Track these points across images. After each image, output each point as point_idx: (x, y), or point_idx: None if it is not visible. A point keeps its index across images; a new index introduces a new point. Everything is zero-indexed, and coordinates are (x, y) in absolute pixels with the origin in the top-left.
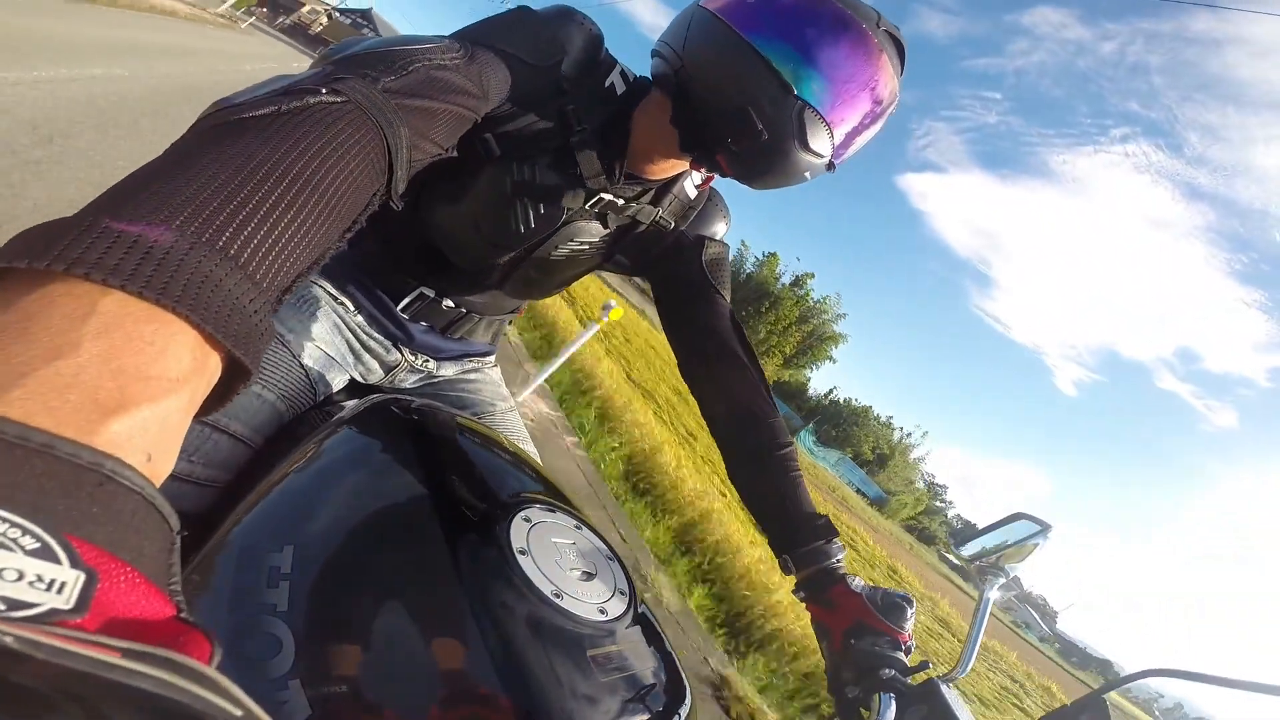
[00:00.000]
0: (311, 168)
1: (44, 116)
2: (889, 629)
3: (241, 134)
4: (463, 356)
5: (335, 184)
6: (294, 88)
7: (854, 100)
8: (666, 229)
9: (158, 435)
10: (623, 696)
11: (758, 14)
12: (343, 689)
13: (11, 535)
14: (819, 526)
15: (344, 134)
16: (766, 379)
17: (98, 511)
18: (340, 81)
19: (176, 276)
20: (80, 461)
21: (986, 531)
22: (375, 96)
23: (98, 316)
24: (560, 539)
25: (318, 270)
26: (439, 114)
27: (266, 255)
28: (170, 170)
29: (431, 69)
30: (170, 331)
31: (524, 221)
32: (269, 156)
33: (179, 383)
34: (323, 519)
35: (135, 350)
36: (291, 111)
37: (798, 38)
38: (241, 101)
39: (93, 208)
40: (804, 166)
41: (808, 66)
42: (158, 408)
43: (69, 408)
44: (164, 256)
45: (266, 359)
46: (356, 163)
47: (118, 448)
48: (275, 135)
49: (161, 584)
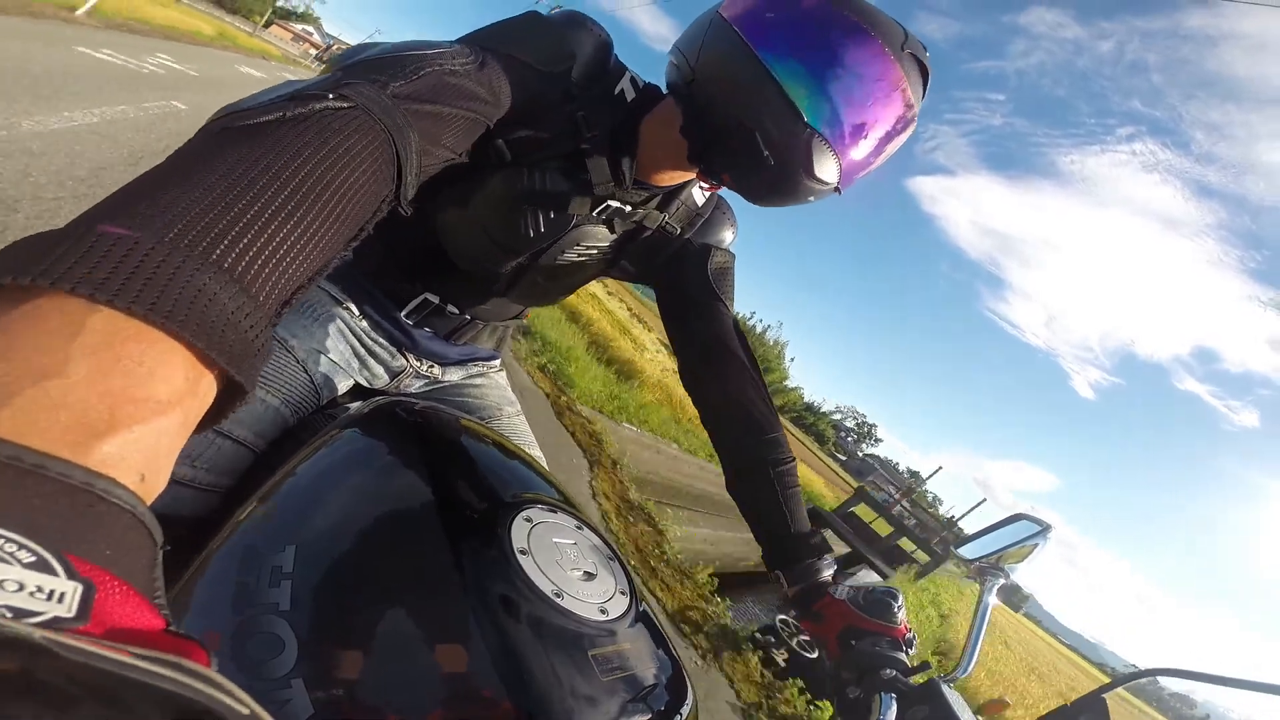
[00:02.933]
0: (316, 174)
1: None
2: (881, 626)
3: (245, 140)
4: (468, 361)
5: (340, 191)
6: (301, 93)
7: (868, 131)
8: (673, 235)
9: (150, 456)
10: (624, 696)
11: (774, 29)
12: (344, 689)
13: (8, 549)
14: (812, 545)
15: (351, 140)
16: (769, 390)
17: (89, 530)
18: (348, 87)
19: (168, 291)
20: (72, 482)
21: (987, 532)
22: (384, 101)
23: (87, 334)
24: (561, 539)
25: (321, 278)
26: (450, 119)
27: (264, 267)
28: (169, 178)
29: (443, 74)
30: (160, 350)
31: (532, 226)
32: (272, 163)
33: (170, 404)
34: (325, 519)
35: (124, 371)
36: (297, 117)
37: (814, 59)
38: (248, 108)
39: (86, 217)
40: (809, 192)
41: (821, 92)
42: (149, 429)
43: (59, 428)
44: (155, 270)
45: (271, 364)
46: (364, 169)
47: (110, 468)
48: (280, 141)
49: (150, 599)
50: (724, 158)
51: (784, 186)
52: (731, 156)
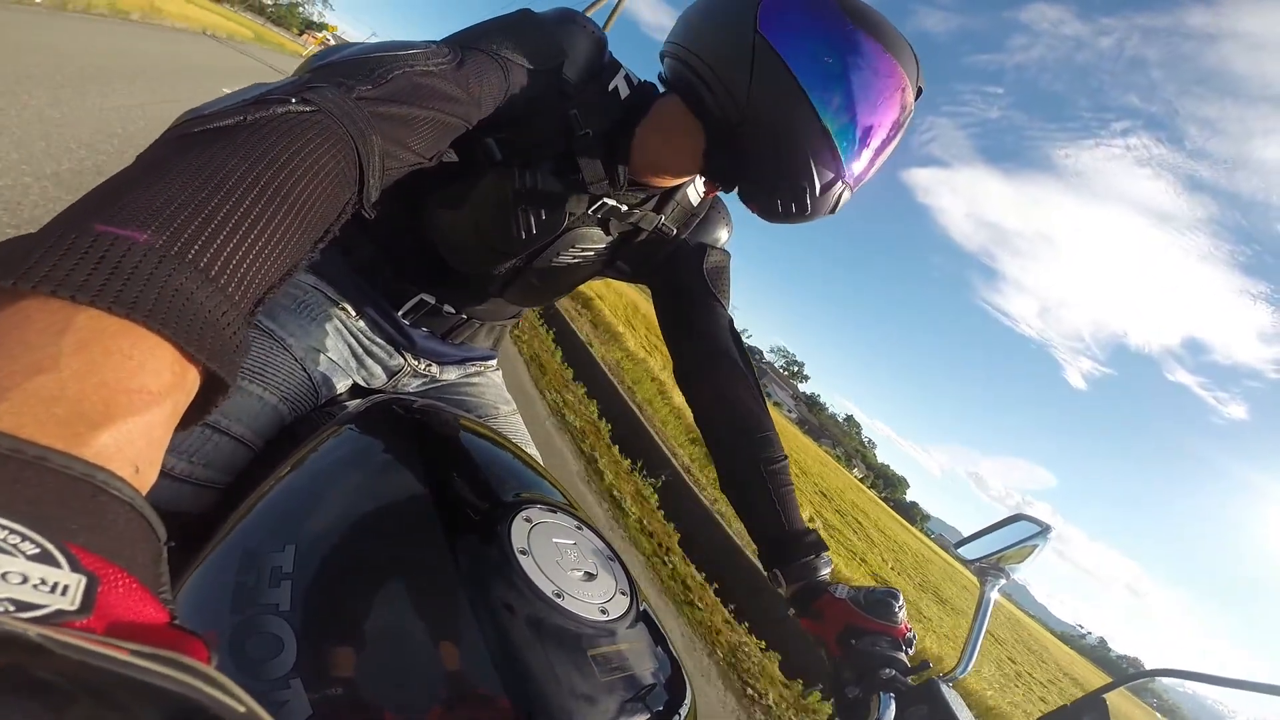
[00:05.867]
0: (280, 178)
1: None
2: (881, 626)
3: (209, 144)
4: (465, 361)
5: (305, 194)
6: (265, 97)
7: (879, 164)
8: (669, 236)
9: (144, 447)
10: (623, 696)
11: (839, 92)
12: (344, 688)
13: (11, 541)
14: (808, 543)
15: (312, 144)
16: (762, 390)
17: (91, 521)
18: (312, 90)
19: (147, 291)
20: (73, 473)
21: (987, 533)
22: (347, 105)
23: (74, 331)
24: (561, 539)
25: (313, 277)
26: (418, 121)
27: (238, 268)
28: (139, 181)
29: (414, 75)
30: (147, 345)
31: (526, 227)
32: (237, 167)
33: (160, 395)
34: (324, 518)
35: (115, 364)
36: (258, 121)
37: (869, 124)
38: (210, 112)
39: (62, 220)
40: (820, 218)
41: (865, 152)
42: (142, 420)
43: (55, 421)
44: (134, 270)
45: (269, 361)
46: (326, 172)
47: (107, 460)
48: (243, 146)
49: (154, 592)
50: (758, 195)
51: (805, 219)
52: (769, 197)
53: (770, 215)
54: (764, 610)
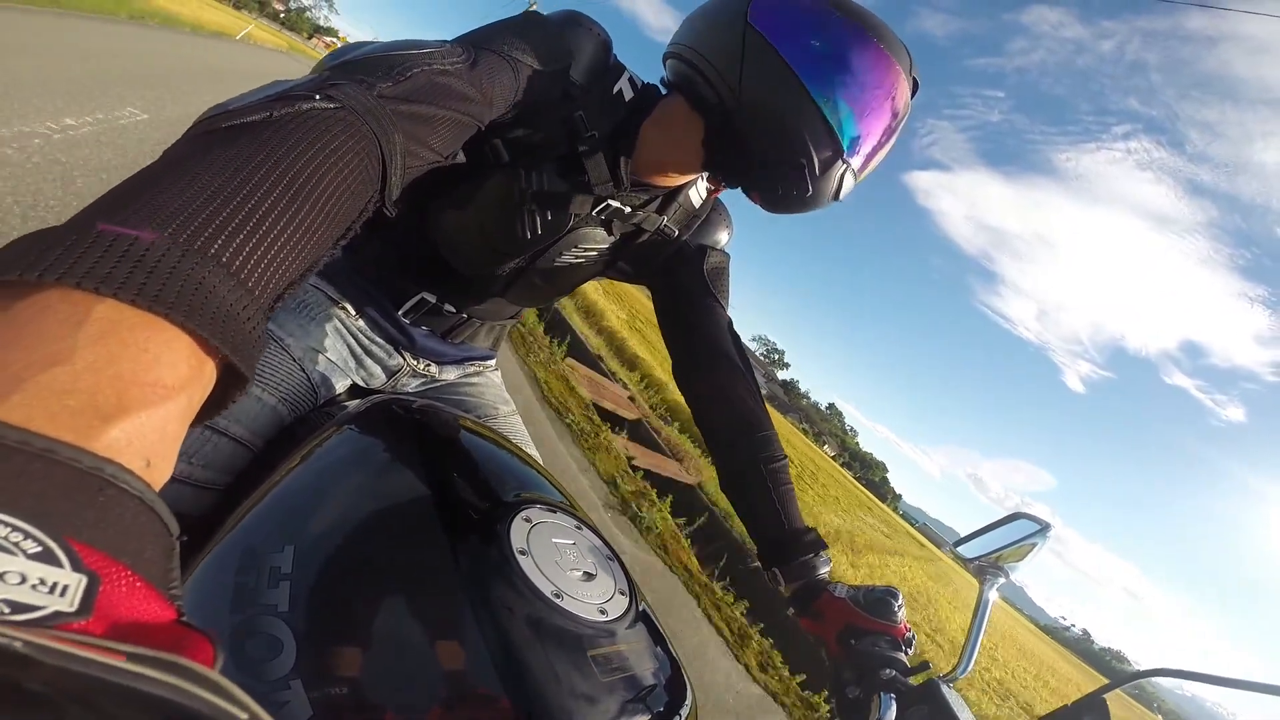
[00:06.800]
0: (305, 174)
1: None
2: (880, 625)
3: (234, 140)
4: (464, 361)
5: (329, 191)
6: (288, 94)
7: (878, 154)
8: (670, 237)
9: (156, 441)
10: (623, 697)
11: (823, 63)
12: (344, 689)
13: (13, 539)
14: (808, 542)
15: (337, 140)
16: (761, 390)
17: (98, 516)
18: (335, 87)
19: (169, 284)
20: (81, 466)
21: (986, 531)
22: (369, 102)
23: (92, 323)
24: (561, 539)
25: (313, 276)
26: (437, 120)
27: (259, 263)
28: (163, 177)
29: (431, 75)
30: (165, 338)
31: (531, 228)
32: (262, 163)
33: (176, 389)
34: (324, 519)
35: (131, 357)
36: (284, 118)
37: (860, 102)
38: (235, 108)
39: (85, 214)
40: (824, 205)
41: (862, 131)
42: (156, 413)
43: (67, 413)
44: (156, 263)
45: (267, 362)
46: (350, 169)
47: (117, 453)
48: (268, 142)
49: (162, 588)
50: (760, 181)
51: (809, 207)
52: (769, 181)
53: (774, 202)
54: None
